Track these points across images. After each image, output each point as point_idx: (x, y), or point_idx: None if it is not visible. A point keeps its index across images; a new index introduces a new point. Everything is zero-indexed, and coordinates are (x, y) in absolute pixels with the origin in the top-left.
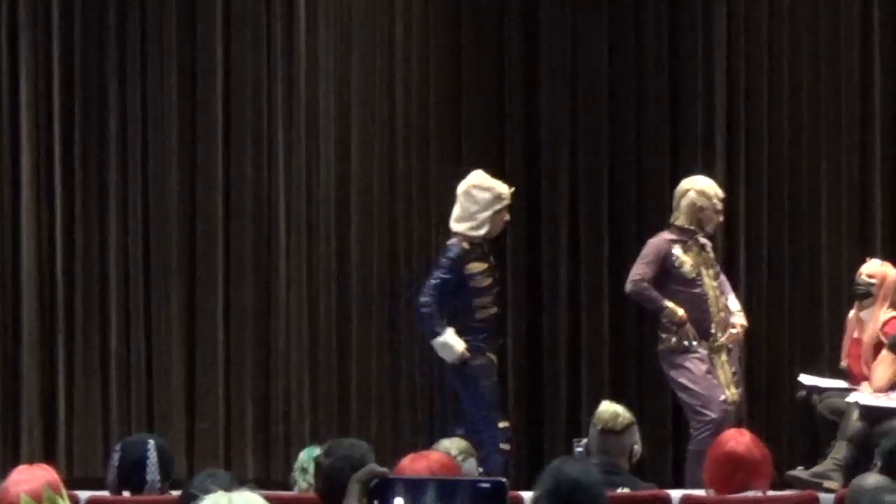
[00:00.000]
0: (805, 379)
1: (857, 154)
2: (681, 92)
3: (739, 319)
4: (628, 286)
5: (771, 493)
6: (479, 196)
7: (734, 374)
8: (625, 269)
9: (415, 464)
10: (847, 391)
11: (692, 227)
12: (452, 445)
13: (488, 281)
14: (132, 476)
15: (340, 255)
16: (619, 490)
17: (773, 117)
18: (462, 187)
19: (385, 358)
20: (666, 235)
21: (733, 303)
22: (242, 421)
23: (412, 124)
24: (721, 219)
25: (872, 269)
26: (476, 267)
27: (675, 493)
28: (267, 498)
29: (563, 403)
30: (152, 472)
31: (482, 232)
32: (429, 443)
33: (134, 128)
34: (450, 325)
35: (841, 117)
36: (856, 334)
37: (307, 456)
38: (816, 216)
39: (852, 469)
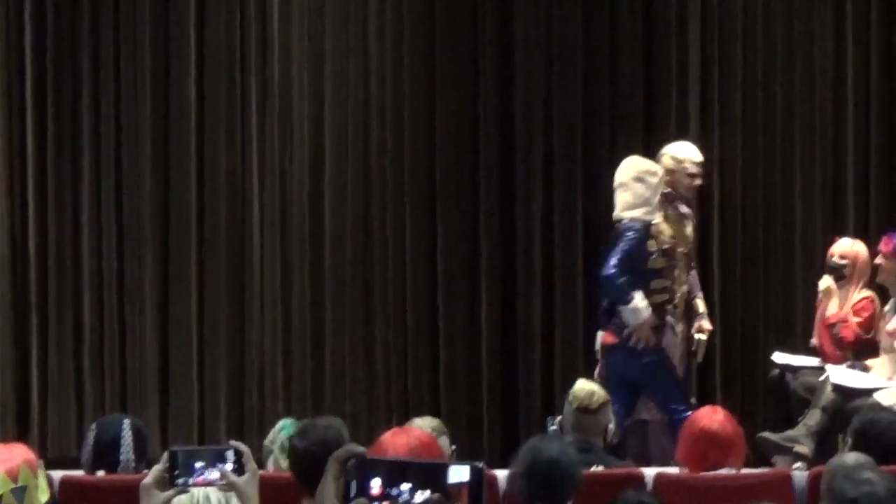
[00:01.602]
0: (778, 357)
1: (831, 132)
2: (654, 74)
3: (707, 323)
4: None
5: (745, 470)
6: (651, 181)
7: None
8: (598, 248)
9: (396, 439)
10: (820, 369)
11: (669, 191)
12: (425, 423)
13: (663, 263)
14: (107, 456)
15: (314, 230)
16: (594, 468)
17: (747, 99)
18: (629, 174)
19: (359, 334)
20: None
21: (701, 304)
22: (217, 399)
23: (386, 103)
24: (696, 182)
25: (843, 248)
26: (653, 246)
27: (649, 472)
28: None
29: (538, 381)
30: (126, 451)
31: (657, 215)
32: (404, 419)
33: (107, 108)
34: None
35: (815, 97)
36: (826, 313)
37: (286, 433)
38: (790, 195)
39: (823, 437)
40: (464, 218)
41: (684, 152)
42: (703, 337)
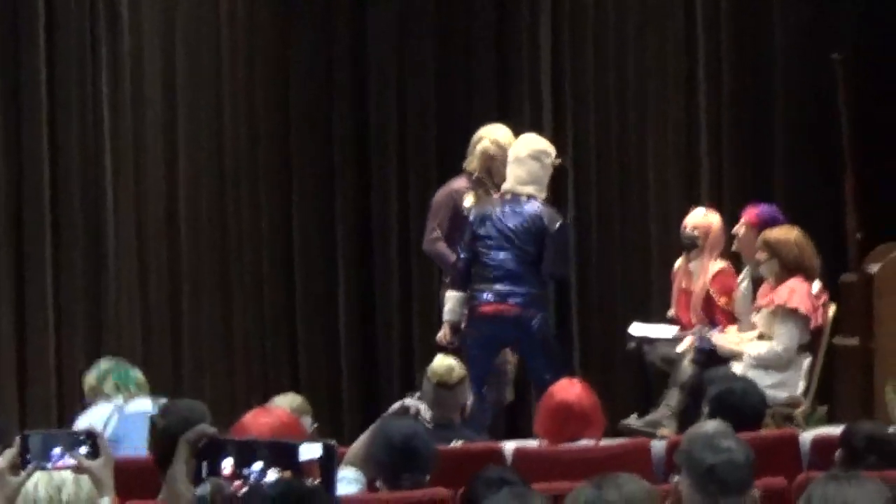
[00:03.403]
0: (635, 329)
1: (683, 98)
2: (507, 54)
3: None
4: (424, 245)
5: (603, 442)
6: (546, 162)
7: None
8: None
9: (258, 419)
10: (677, 340)
11: (481, 175)
12: (286, 401)
13: None
14: None
15: (169, 209)
16: (454, 443)
17: (599, 76)
18: (526, 150)
19: (217, 316)
20: (454, 185)
21: None
22: (74, 384)
23: (239, 84)
24: None
25: (696, 219)
26: None
27: (509, 445)
28: None
29: (396, 358)
30: None
31: (545, 195)
32: (262, 401)
33: None
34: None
35: (667, 64)
36: (684, 284)
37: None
38: (644, 165)
39: (684, 415)
40: (319, 196)
41: (506, 138)
42: None
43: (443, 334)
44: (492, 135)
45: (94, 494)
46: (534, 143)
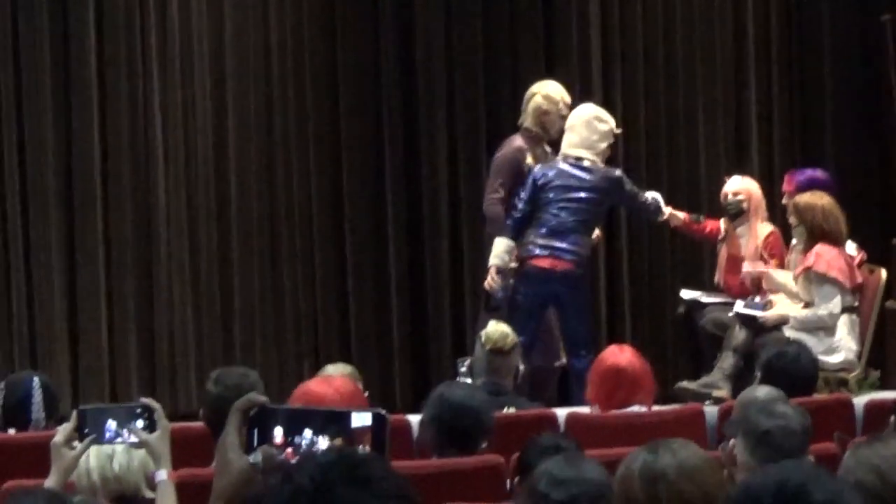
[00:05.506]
0: (686, 294)
1: (732, 69)
2: (555, 17)
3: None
4: (485, 205)
5: (655, 407)
6: (600, 127)
7: None
8: None
9: (322, 387)
10: (728, 305)
11: (537, 130)
12: (337, 370)
13: None
14: (17, 414)
15: (219, 182)
16: (506, 410)
17: (648, 41)
18: (582, 117)
19: (267, 285)
20: (516, 143)
21: None
22: (127, 354)
23: (287, 53)
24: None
25: (736, 186)
26: None
27: (561, 412)
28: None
29: (447, 324)
30: (37, 409)
31: (599, 158)
32: (315, 368)
33: (5, 65)
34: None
35: (714, 33)
36: (731, 250)
37: None
38: (694, 132)
39: (738, 378)
40: (368, 163)
41: (557, 92)
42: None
43: (490, 278)
44: (543, 90)
45: (147, 464)
46: (589, 110)
